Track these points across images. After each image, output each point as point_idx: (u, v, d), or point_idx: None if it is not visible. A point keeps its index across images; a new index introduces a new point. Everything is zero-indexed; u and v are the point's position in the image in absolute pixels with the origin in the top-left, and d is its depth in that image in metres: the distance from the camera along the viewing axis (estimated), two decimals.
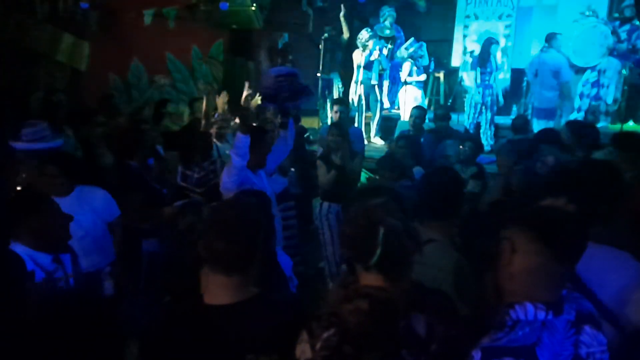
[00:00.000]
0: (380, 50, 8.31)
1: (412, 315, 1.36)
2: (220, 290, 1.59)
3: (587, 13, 8.11)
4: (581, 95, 7.81)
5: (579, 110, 7.81)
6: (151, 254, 3.54)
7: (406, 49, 8.48)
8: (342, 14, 8.65)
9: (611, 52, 7.64)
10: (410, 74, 8.38)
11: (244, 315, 1.56)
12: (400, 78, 8.60)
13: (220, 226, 1.59)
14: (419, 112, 6.05)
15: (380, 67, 8.44)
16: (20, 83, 6.77)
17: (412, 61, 8.37)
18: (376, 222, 1.37)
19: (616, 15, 8.24)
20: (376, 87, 8.37)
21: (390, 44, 9.16)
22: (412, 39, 8.61)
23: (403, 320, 1.35)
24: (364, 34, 8.15)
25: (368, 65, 8.21)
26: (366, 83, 8.31)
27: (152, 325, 1.67)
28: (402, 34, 9.36)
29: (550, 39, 7.44)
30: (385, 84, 8.90)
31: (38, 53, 7.08)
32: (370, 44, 8.14)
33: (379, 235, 1.36)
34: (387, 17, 9.13)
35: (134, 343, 1.60)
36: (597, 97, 7.78)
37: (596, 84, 7.78)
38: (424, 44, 8.69)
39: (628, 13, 7.83)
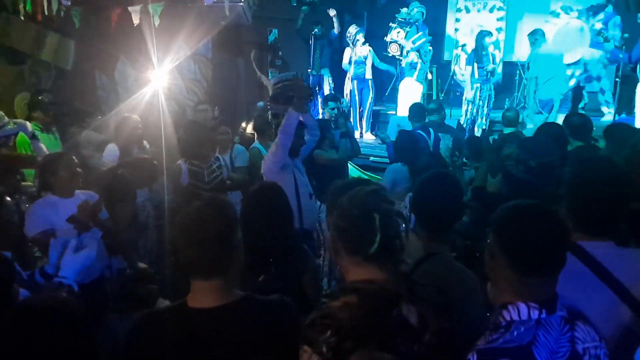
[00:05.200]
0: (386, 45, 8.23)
1: (403, 305, 1.34)
2: (202, 294, 1.56)
3: (556, 11, 8.03)
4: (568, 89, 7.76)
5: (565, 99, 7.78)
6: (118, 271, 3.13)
7: (413, 42, 8.33)
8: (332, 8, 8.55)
9: (589, 45, 7.66)
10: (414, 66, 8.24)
11: (229, 319, 1.53)
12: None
13: (190, 231, 1.53)
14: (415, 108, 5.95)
15: (372, 62, 8.35)
16: (4, 83, 6.66)
17: (417, 54, 8.23)
18: (370, 209, 1.35)
19: (591, 4, 8.12)
20: (370, 82, 8.28)
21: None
22: (421, 33, 8.41)
23: (395, 310, 1.33)
24: (351, 30, 8.08)
25: (359, 61, 8.12)
26: (359, 78, 8.22)
27: (135, 331, 1.62)
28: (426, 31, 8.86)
29: None
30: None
31: (22, 52, 6.97)
32: (360, 38, 8.06)
33: (376, 221, 1.33)
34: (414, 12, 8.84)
35: None
36: (588, 90, 7.75)
37: (584, 76, 7.75)
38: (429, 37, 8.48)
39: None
